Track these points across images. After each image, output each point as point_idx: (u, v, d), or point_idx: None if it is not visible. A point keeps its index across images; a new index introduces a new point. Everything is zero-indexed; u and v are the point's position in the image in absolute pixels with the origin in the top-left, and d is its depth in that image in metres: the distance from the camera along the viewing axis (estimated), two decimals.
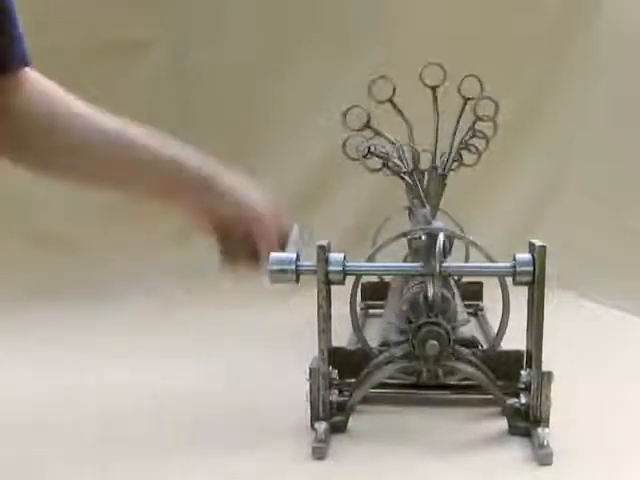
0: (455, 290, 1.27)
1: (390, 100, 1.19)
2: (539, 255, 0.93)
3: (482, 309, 1.54)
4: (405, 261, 1.27)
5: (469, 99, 1.18)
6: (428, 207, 1.16)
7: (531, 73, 2.04)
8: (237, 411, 1.07)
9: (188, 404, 1.11)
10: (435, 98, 1.20)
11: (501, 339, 1.05)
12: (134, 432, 1.01)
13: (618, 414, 1.05)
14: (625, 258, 1.76)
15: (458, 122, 1.21)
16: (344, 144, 1.22)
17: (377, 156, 1.19)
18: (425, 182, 1.21)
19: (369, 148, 1.17)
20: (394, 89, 1.18)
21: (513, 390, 1.00)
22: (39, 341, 1.42)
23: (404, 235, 1.09)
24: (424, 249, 1.02)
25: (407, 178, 1.20)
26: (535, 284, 0.94)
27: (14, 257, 1.79)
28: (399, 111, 1.20)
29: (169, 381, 1.20)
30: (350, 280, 1.01)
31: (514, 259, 0.96)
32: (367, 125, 1.20)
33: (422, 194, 1.17)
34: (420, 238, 1.04)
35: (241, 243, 0.95)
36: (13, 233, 1.84)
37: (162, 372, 1.24)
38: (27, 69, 0.78)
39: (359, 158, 1.20)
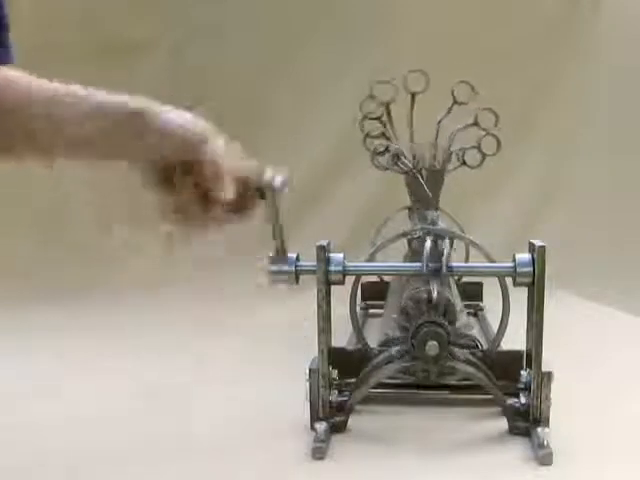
0: (455, 290, 1.27)
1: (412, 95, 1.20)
2: (539, 255, 0.93)
3: (482, 309, 1.54)
4: (405, 261, 1.27)
5: (483, 129, 1.20)
6: (438, 212, 1.16)
7: (531, 73, 2.04)
8: (237, 411, 1.07)
9: (188, 404, 1.11)
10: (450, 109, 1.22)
11: (501, 339, 1.05)
12: (134, 432, 1.01)
13: (617, 414, 1.05)
14: (625, 258, 1.76)
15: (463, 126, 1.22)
16: (373, 153, 1.22)
17: (403, 164, 1.19)
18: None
19: (397, 155, 1.17)
20: (428, 82, 1.20)
21: (513, 390, 1.00)
22: (39, 341, 1.42)
23: (404, 235, 1.09)
24: (424, 249, 1.02)
25: (422, 179, 1.20)
26: (535, 284, 0.94)
27: (15, 257, 1.79)
28: (412, 108, 1.21)
29: (168, 381, 1.20)
30: (350, 280, 1.01)
31: (514, 259, 0.96)
32: (387, 107, 1.21)
33: (429, 193, 1.17)
34: (420, 238, 1.04)
35: (191, 191, 0.79)
36: (13, 233, 1.84)
37: (161, 372, 1.24)
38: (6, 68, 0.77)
39: (389, 167, 1.20)
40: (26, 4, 1.73)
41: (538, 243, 0.94)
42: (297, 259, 0.97)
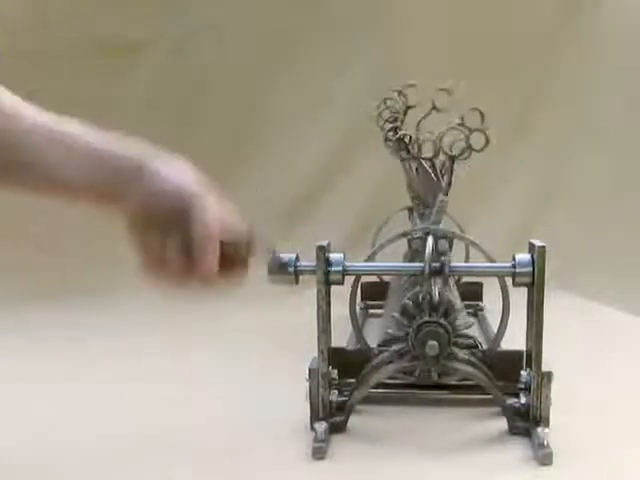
0: (455, 290, 1.27)
1: None
2: (539, 255, 0.93)
3: (482, 309, 1.54)
4: (405, 261, 1.27)
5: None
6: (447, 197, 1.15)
7: (531, 73, 2.04)
8: (237, 411, 1.07)
9: (187, 404, 1.11)
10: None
11: (501, 339, 1.05)
12: (133, 432, 1.01)
13: (618, 414, 1.05)
14: (625, 258, 1.76)
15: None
16: (395, 148, 1.21)
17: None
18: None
19: (418, 141, 1.17)
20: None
21: (513, 390, 1.00)
22: (39, 341, 1.42)
23: (404, 235, 1.09)
24: (426, 249, 1.02)
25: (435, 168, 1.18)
26: (535, 284, 0.94)
27: (15, 257, 1.79)
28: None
29: (167, 381, 1.20)
30: (350, 280, 1.01)
31: (514, 259, 0.96)
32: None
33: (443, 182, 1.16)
34: (420, 238, 1.04)
35: (176, 248, 0.76)
36: (13, 233, 1.83)
37: (161, 372, 1.24)
38: None
39: (415, 156, 1.19)
40: (25, 5, 1.73)
41: (538, 243, 0.94)
42: (297, 259, 0.97)
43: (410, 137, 1.18)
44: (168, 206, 0.75)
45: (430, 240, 0.97)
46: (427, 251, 0.96)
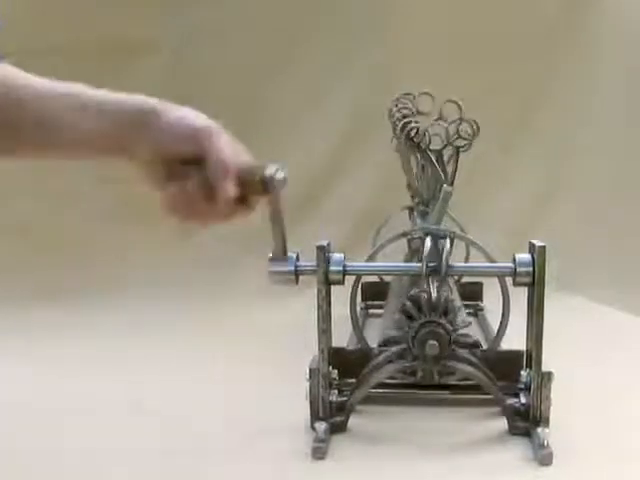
0: (455, 290, 1.27)
1: None
2: (539, 255, 0.93)
3: (482, 309, 1.54)
4: (405, 261, 1.27)
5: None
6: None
7: (531, 73, 2.04)
8: (237, 411, 1.07)
9: (188, 404, 1.11)
10: None
11: (501, 339, 1.05)
12: (133, 433, 1.01)
13: (617, 414, 1.05)
14: (625, 258, 1.76)
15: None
16: (407, 138, 1.22)
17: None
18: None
19: (426, 132, 1.17)
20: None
21: (513, 390, 1.00)
22: (39, 341, 1.42)
23: (404, 235, 1.09)
24: (424, 249, 1.02)
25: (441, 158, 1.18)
26: (535, 284, 0.94)
27: (15, 257, 1.79)
28: None
29: (168, 381, 1.20)
30: (350, 280, 1.01)
31: (514, 259, 0.96)
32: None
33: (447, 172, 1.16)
34: (420, 238, 1.04)
35: (196, 185, 0.78)
36: (13, 234, 1.83)
37: (161, 372, 1.24)
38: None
39: (422, 150, 1.20)
40: (25, 5, 1.73)
41: (538, 243, 0.94)
42: (297, 259, 0.97)
43: (423, 131, 1.18)
44: (185, 145, 0.79)
45: (428, 240, 0.97)
46: (425, 250, 0.96)
